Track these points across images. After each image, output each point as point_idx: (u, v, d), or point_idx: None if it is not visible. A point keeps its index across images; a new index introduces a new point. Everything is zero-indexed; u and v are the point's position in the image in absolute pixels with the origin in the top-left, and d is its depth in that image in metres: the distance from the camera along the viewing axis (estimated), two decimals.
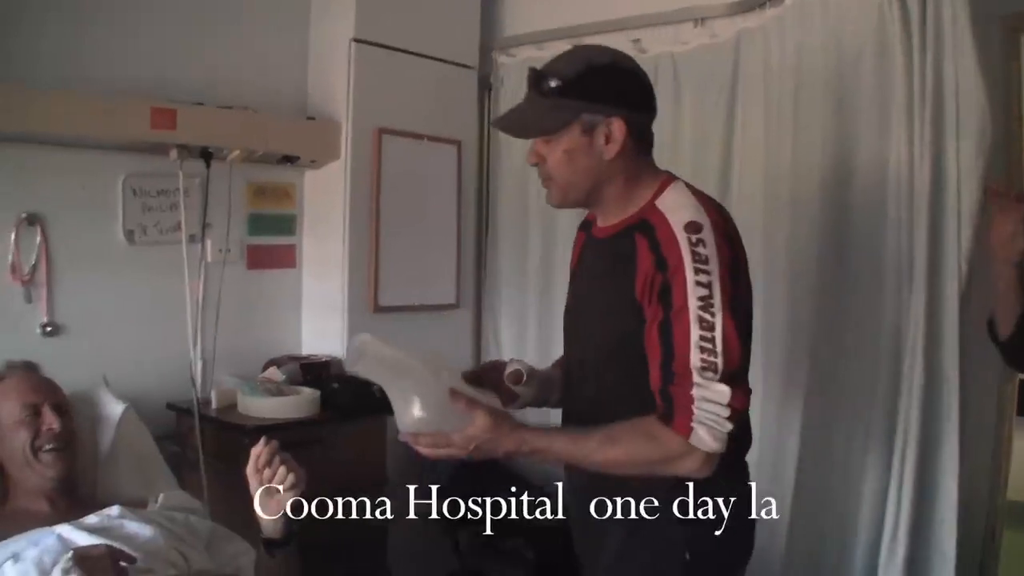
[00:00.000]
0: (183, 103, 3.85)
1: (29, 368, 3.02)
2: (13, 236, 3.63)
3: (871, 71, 3.65)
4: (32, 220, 3.67)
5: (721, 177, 4.19)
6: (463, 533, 4.43)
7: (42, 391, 2.91)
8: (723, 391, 2.05)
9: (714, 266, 2.09)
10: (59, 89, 3.53)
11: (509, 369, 2.54)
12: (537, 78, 2.30)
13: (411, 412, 2.19)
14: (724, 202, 3.95)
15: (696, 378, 2.06)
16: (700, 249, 2.10)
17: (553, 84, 2.26)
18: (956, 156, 3.44)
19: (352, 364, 2.21)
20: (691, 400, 2.07)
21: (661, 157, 2.39)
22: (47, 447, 2.78)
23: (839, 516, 3.74)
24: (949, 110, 3.46)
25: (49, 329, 3.72)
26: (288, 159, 4.38)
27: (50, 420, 2.82)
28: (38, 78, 3.55)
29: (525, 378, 2.53)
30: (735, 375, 2.08)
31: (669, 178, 2.33)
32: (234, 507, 2.93)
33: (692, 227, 2.13)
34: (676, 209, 2.20)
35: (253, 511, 2.62)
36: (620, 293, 2.22)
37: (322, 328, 4.57)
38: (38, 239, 3.69)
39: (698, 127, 4.29)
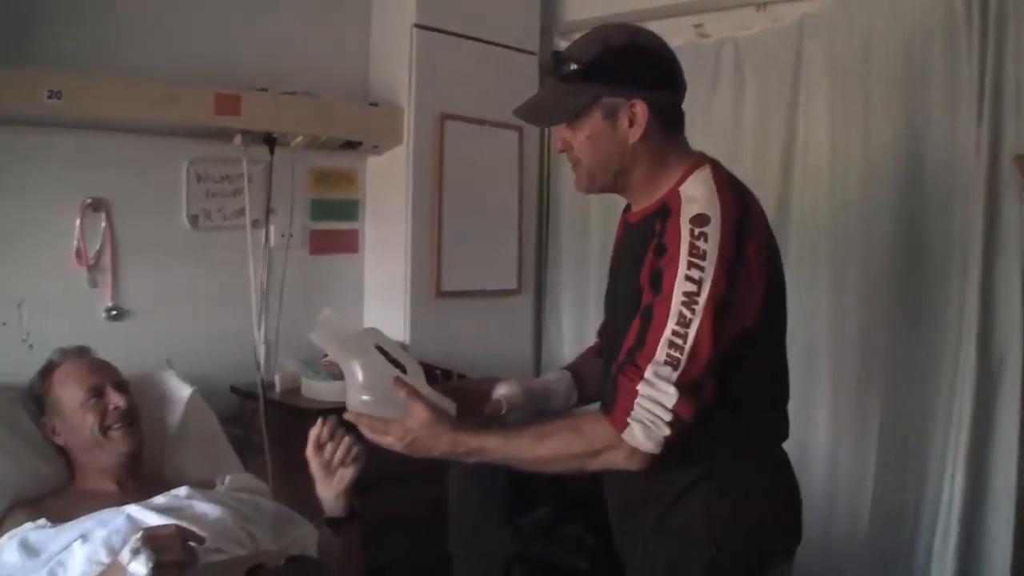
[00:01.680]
0: (247, 89, 3.81)
1: (82, 352, 3.01)
2: (78, 221, 3.61)
3: (941, 54, 3.60)
4: (97, 206, 3.65)
5: (784, 165, 4.09)
6: (523, 518, 4.38)
7: (101, 372, 2.90)
8: (670, 394, 1.95)
9: (710, 264, 1.98)
10: (123, 75, 3.51)
11: (493, 397, 2.48)
12: (556, 63, 2.22)
13: (358, 392, 2.22)
14: (786, 191, 3.98)
15: (648, 374, 1.97)
16: (700, 243, 1.99)
17: (571, 68, 2.17)
18: (1018, 142, 3.39)
19: (314, 334, 2.26)
20: (635, 395, 1.99)
21: (722, 143, 2.29)
22: (116, 425, 2.77)
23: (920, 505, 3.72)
24: (1009, 96, 3.41)
25: (114, 313, 3.70)
26: (351, 145, 4.34)
27: (115, 399, 2.81)
28: (103, 64, 3.52)
29: (504, 410, 2.46)
30: (695, 381, 1.98)
31: (698, 161, 2.20)
32: (297, 490, 2.90)
33: (698, 220, 2.02)
34: (691, 199, 2.09)
35: (316, 492, 2.59)
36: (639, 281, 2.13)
37: (384, 313, 4.51)
38: (103, 224, 3.67)
39: (760, 113, 4.19)
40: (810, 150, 4.01)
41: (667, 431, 1.96)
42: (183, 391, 3.27)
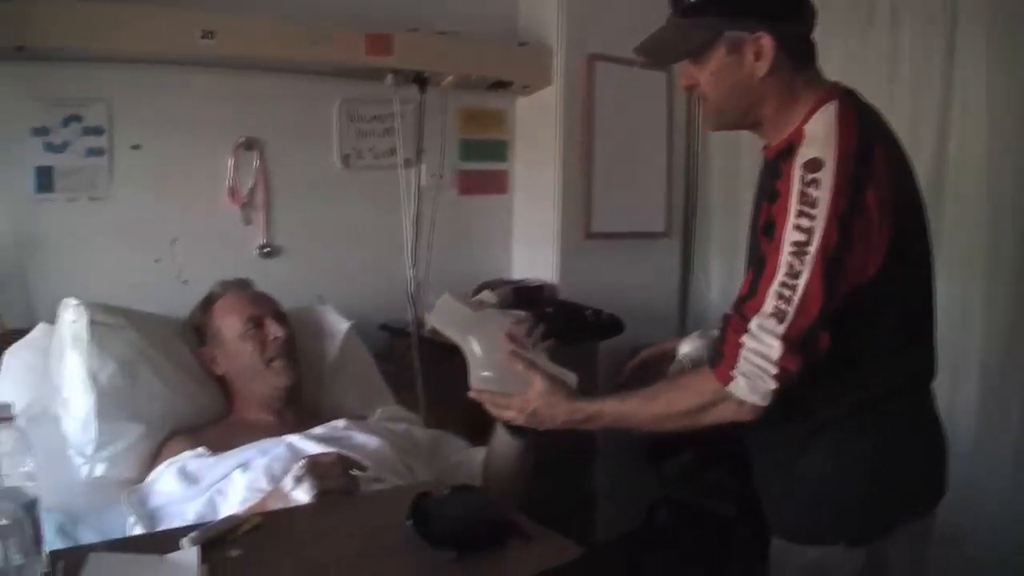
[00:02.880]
0: (398, 29, 3.76)
1: (243, 284, 2.99)
2: (231, 160, 3.64)
3: None
4: (249, 144, 3.67)
5: (941, 119, 3.87)
6: (667, 461, 4.31)
7: (261, 303, 2.89)
8: (774, 347, 1.85)
9: (821, 213, 1.83)
10: (276, 15, 3.50)
11: (677, 357, 2.47)
12: None
13: (478, 370, 2.29)
14: (943, 146, 3.79)
15: (753, 326, 1.88)
16: (811, 190, 1.84)
17: (690, 1, 2.03)
18: None
19: (432, 317, 2.37)
20: (739, 347, 1.90)
21: (878, 95, 2.11)
22: (275, 356, 2.76)
23: None
24: None
25: (266, 251, 3.74)
26: (500, 85, 4.28)
27: (275, 330, 2.79)
28: (255, 4, 3.50)
29: (689, 368, 2.40)
30: (803, 335, 1.86)
31: (827, 94, 2.01)
32: (449, 425, 2.95)
33: (811, 165, 1.86)
34: (811, 140, 1.92)
35: (470, 427, 2.65)
36: None
37: (532, 253, 4.50)
38: (255, 163, 3.69)
39: (916, 61, 3.96)
40: (970, 99, 3.78)
41: (773, 384, 1.87)
42: (341, 325, 3.23)
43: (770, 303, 1.86)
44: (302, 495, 2.11)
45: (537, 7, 4.40)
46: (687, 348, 2.44)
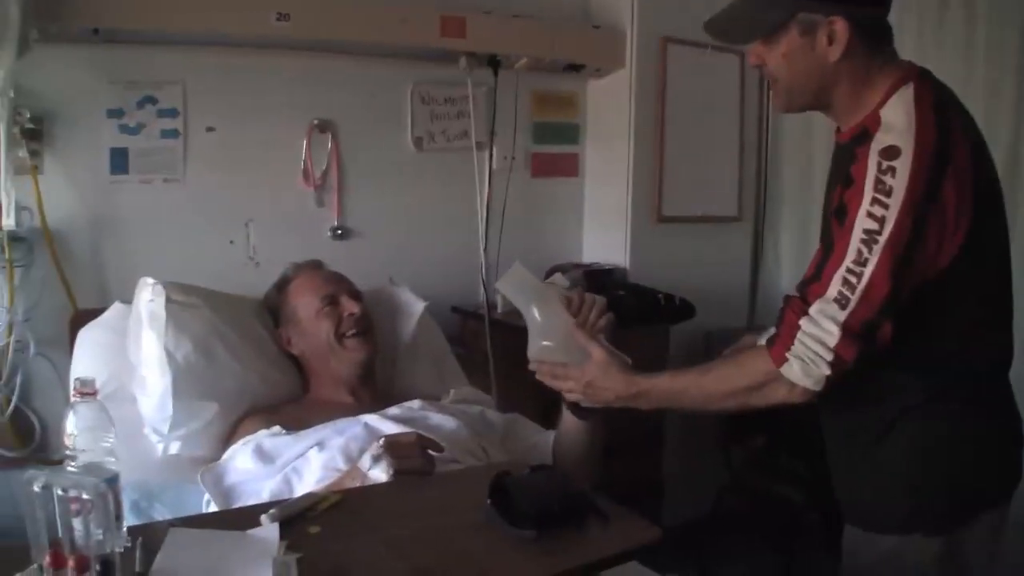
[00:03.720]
0: (472, 11, 3.76)
1: (316, 265, 3.00)
2: (305, 142, 3.65)
3: None
4: (323, 127, 3.69)
5: (1018, 118, 3.77)
6: (736, 449, 4.26)
7: (336, 282, 2.90)
8: (832, 334, 1.83)
9: (895, 202, 1.79)
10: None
11: None
12: None
13: (538, 338, 2.29)
14: (1019, 138, 3.68)
15: (813, 310, 1.86)
16: (887, 178, 1.80)
17: None
18: None
19: (501, 283, 2.32)
20: (796, 329, 1.88)
21: (951, 74, 2.04)
22: (351, 332, 2.77)
23: None
24: None
25: (339, 233, 3.75)
26: (573, 68, 4.26)
27: (350, 306, 2.80)
28: None
29: None
30: (864, 323, 1.83)
31: (903, 76, 1.95)
32: (519, 408, 2.90)
33: (888, 152, 1.82)
34: (888, 126, 1.88)
35: (541, 410, 2.63)
36: None
37: (604, 237, 4.47)
38: (329, 145, 3.70)
39: (992, 60, 3.85)
40: None
41: (827, 371, 1.85)
42: (416, 306, 3.22)
43: (834, 288, 1.84)
44: (380, 474, 2.10)
45: None
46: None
